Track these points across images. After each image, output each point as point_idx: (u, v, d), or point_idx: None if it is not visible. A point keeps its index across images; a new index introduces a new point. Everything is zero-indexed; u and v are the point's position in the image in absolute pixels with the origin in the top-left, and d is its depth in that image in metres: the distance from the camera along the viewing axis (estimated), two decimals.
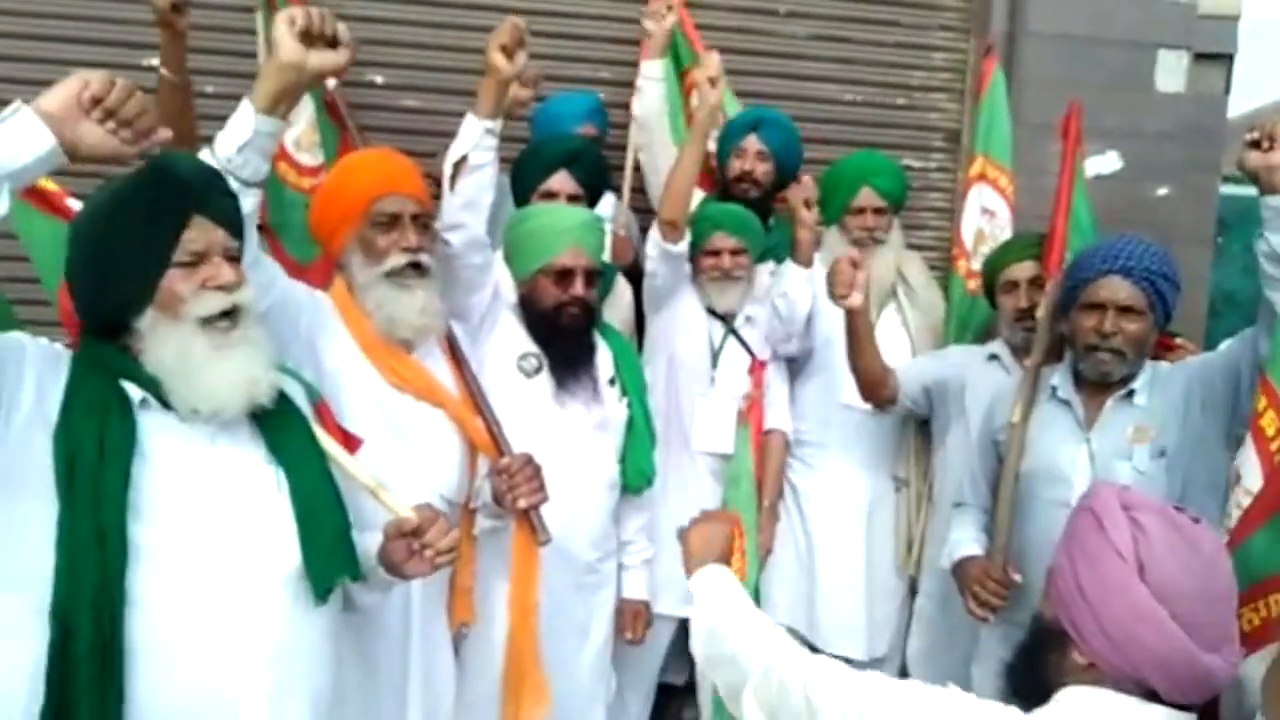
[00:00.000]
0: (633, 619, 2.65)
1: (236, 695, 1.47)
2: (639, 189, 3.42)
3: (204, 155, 1.72)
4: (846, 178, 3.18)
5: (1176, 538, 1.30)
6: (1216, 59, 3.95)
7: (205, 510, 1.49)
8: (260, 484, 1.55)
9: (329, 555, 1.55)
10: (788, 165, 3.29)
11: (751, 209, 3.09)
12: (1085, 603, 1.32)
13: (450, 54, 3.61)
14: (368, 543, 1.67)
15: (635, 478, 2.57)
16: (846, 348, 2.80)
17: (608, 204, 3.20)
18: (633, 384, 2.59)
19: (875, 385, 2.87)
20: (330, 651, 1.61)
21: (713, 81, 2.81)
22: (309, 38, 1.65)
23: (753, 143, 3.23)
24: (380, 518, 1.66)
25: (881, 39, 3.82)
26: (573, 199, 2.82)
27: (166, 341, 1.47)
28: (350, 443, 1.73)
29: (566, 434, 2.42)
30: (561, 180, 2.81)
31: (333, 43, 1.68)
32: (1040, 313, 2.57)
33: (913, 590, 3.20)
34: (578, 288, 2.41)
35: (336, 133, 3.16)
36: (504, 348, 2.44)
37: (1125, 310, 2.30)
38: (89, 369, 1.48)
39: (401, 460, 2.02)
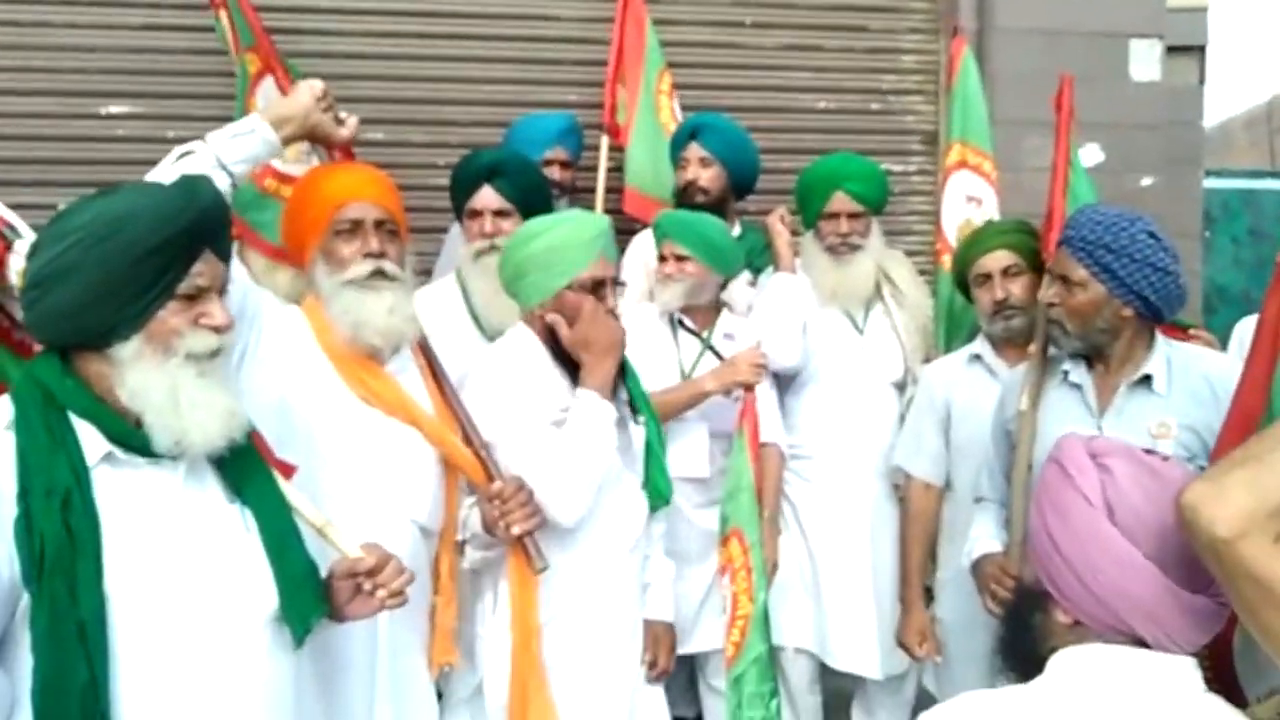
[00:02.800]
0: (653, 641, 2.36)
1: None
2: (613, 210, 3.35)
3: (194, 158, 1.79)
4: (819, 182, 3.08)
5: (1145, 475, 1.24)
6: (1189, 51, 3.94)
7: (179, 556, 1.40)
8: (228, 525, 1.47)
9: (303, 595, 1.49)
10: (737, 166, 3.21)
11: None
12: (1060, 556, 1.26)
13: (415, 84, 3.58)
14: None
15: (654, 498, 2.32)
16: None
17: None
18: (644, 401, 2.34)
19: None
20: (296, 693, 1.54)
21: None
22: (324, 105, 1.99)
23: (694, 150, 3.19)
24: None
25: (851, 45, 3.80)
26: (499, 215, 2.66)
27: (151, 374, 1.38)
28: (285, 470, 1.64)
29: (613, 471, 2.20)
30: (486, 196, 2.67)
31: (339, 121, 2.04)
32: (1042, 294, 2.49)
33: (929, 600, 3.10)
34: (609, 300, 2.17)
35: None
36: (537, 406, 2.16)
37: (1063, 280, 2.23)
38: (41, 429, 1.36)
39: (372, 482, 1.91)
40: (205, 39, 3.30)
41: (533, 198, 2.74)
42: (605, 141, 3.43)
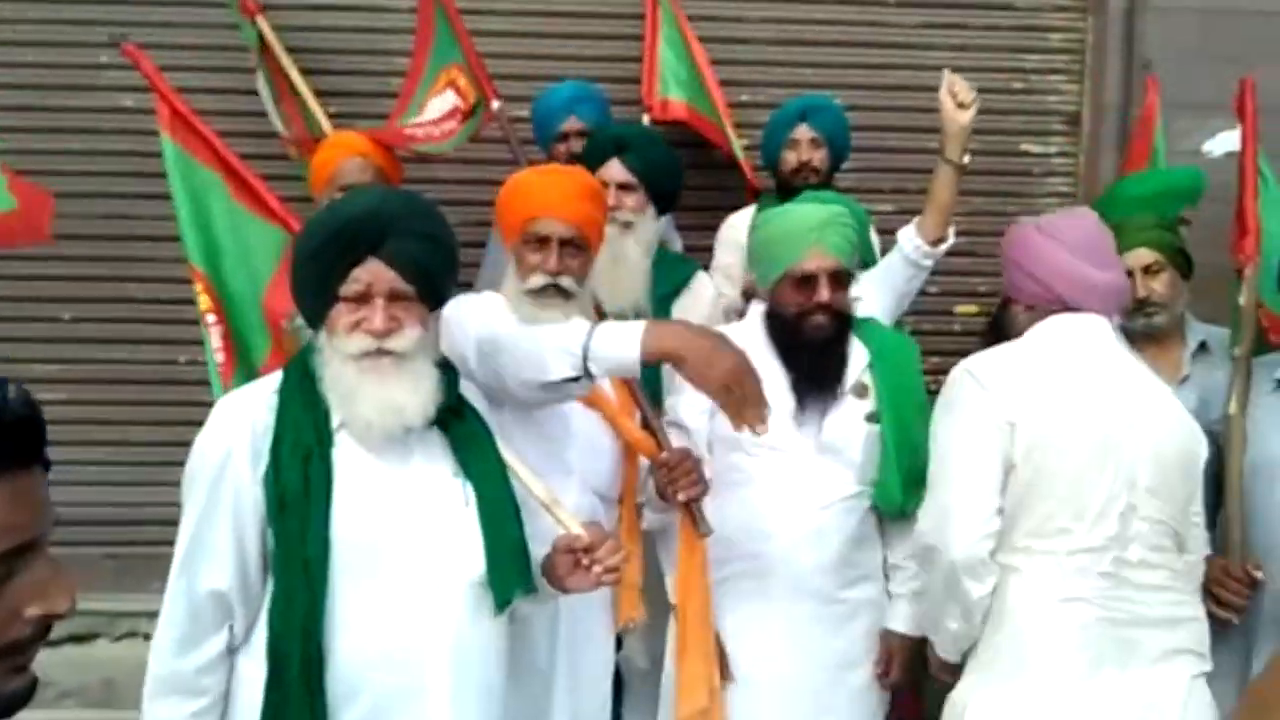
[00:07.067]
0: (886, 652, 2.32)
1: (422, 694, 1.57)
2: None
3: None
4: None
5: (1066, 212, 2.24)
6: None
7: (399, 517, 1.60)
8: (449, 497, 1.65)
9: (510, 569, 1.64)
10: (841, 149, 3.19)
11: None
12: (1012, 263, 2.08)
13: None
14: (536, 554, 1.74)
15: (881, 500, 2.30)
16: None
17: None
18: (887, 391, 2.31)
19: None
20: (502, 654, 1.71)
21: (963, 105, 2.74)
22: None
23: (804, 131, 3.12)
24: (545, 533, 1.74)
25: (995, 23, 3.74)
26: (624, 188, 2.69)
27: (330, 362, 1.60)
28: None
29: (795, 459, 2.26)
30: (612, 169, 2.69)
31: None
32: (1243, 299, 2.47)
33: None
34: (822, 293, 2.21)
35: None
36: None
37: None
38: (298, 392, 1.61)
39: (556, 458, 2.08)
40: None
41: (661, 174, 2.78)
42: (645, 120, 3.44)
